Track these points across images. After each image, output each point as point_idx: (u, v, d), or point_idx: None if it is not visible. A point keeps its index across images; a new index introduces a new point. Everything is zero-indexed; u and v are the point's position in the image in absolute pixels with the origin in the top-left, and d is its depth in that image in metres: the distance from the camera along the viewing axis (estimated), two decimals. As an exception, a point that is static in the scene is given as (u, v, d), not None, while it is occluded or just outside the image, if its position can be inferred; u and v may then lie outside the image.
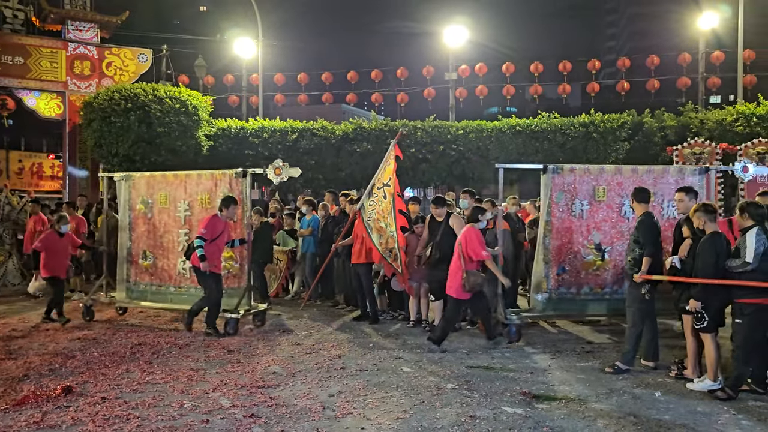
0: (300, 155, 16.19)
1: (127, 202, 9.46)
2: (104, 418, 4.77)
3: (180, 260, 8.91)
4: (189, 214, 8.99)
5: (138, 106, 14.67)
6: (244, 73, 23.08)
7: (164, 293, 9.08)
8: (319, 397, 5.41)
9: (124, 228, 9.48)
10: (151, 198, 9.25)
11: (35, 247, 9.04)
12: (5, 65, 16.43)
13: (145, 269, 9.24)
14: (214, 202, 8.73)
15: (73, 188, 17.24)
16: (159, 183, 9.25)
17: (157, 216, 9.22)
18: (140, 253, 9.28)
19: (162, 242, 9.13)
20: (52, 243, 8.86)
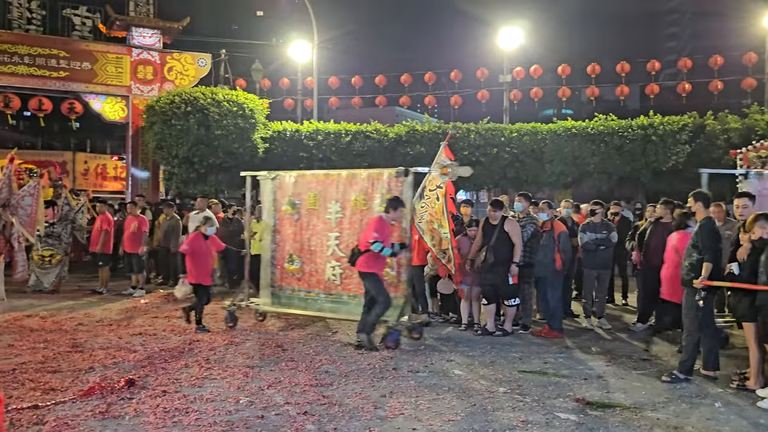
0: (353, 157, 16.34)
1: (272, 203, 9.00)
2: (165, 411, 4.93)
3: (329, 265, 8.40)
4: (341, 216, 8.38)
5: (197, 109, 15.11)
6: (299, 77, 23.47)
7: (313, 300, 8.54)
8: (371, 397, 5.46)
9: (268, 230, 9.06)
10: (298, 198, 8.74)
11: (182, 250, 8.48)
12: (74, 71, 17.19)
13: (291, 273, 8.78)
14: (370, 203, 8.13)
15: (135, 189, 17.88)
16: (308, 183, 8.72)
17: (305, 218, 8.68)
18: (286, 257, 8.81)
19: (310, 246, 8.60)
20: (197, 246, 8.35)
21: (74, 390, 5.43)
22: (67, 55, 17.16)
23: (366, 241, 7.30)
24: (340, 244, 8.31)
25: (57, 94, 17.62)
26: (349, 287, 8.25)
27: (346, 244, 8.20)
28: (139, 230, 11.40)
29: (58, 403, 5.04)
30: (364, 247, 7.31)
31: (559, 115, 27.41)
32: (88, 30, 17.82)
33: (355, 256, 7.42)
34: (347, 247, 8.02)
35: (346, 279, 8.30)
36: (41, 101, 17.67)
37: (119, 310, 9.68)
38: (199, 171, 15.46)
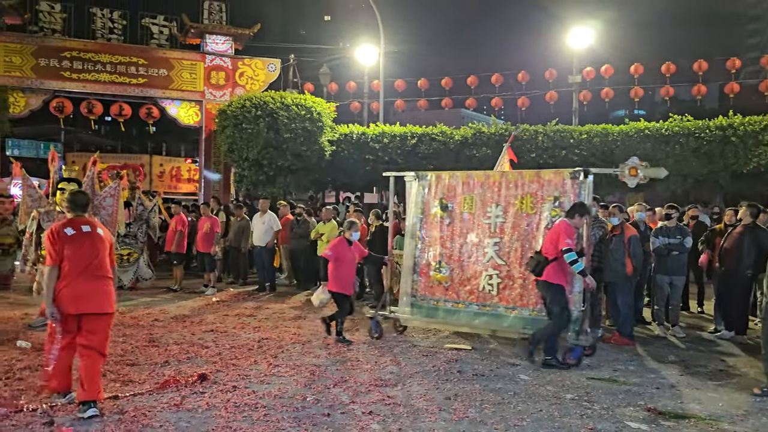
0: (419, 160, 16.36)
1: (419, 205, 8.33)
2: (235, 406, 5.09)
3: (485, 274, 7.70)
4: (502, 221, 7.69)
5: (267, 113, 15.48)
6: (365, 80, 23.70)
7: (463, 311, 7.80)
8: (436, 399, 5.47)
9: (412, 234, 8.34)
10: (451, 200, 8.08)
11: (325, 255, 7.91)
12: (152, 77, 17.94)
13: (437, 282, 8.04)
14: (538, 207, 7.48)
15: (207, 190, 18.47)
16: (464, 184, 8.04)
17: (458, 221, 8.01)
18: (432, 264, 8.10)
19: (462, 252, 7.91)
20: (342, 252, 7.81)
21: (151, 383, 5.67)
22: (145, 62, 17.94)
23: (556, 248, 6.65)
24: (500, 250, 7.65)
25: (136, 99, 18.43)
26: (509, 298, 7.53)
27: (506, 251, 7.61)
28: (212, 231, 11.79)
29: (136, 395, 5.28)
30: (552, 255, 6.68)
31: (631, 116, 26.64)
32: (165, 38, 18.56)
33: (541, 264, 6.69)
34: (508, 255, 7.58)
35: (504, 289, 7.56)
36: (121, 107, 18.51)
37: (192, 307, 10.03)
38: (268, 173, 15.83)
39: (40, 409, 4.83)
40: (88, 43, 17.52)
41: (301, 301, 10.93)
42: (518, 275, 7.49)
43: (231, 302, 10.60)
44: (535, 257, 6.85)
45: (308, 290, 12.03)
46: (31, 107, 17.10)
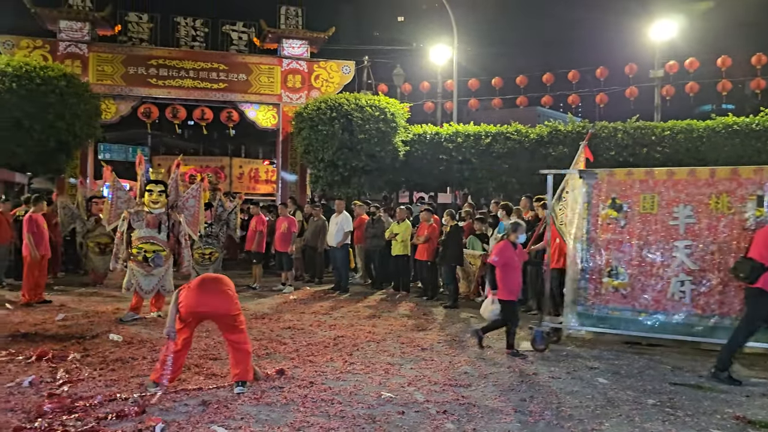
0: (493, 159, 16.20)
1: (586, 205, 7.72)
2: (312, 401, 5.21)
3: (675, 280, 7.16)
4: (692, 222, 7.14)
5: (342, 114, 15.72)
6: (439, 80, 23.67)
7: (645, 321, 7.30)
8: (511, 400, 5.41)
9: (578, 238, 7.74)
10: (626, 200, 7.50)
11: (492, 261, 7.32)
12: (231, 82, 18.57)
13: (613, 290, 7.47)
14: (737, 206, 6.94)
15: (284, 191, 18.94)
16: (641, 182, 7.48)
17: (635, 223, 7.42)
18: (605, 270, 7.51)
19: (644, 256, 7.33)
20: (509, 256, 7.26)
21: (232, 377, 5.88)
22: (225, 67, 18.59)
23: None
24: (693, 254, 7.08)
25: (217, 104, 19.12)
26: (705, 306, 7.01)
27: (701, 254, 7.07)
28: (289, 230, 12.09)
29: (218, 388, 5.50)
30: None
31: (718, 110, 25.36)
32: (244, 44, 19.15)
33: (757, 271, 6.08)
34: (702, 258, 7.06)
35: (698, 296, 7.06)
36: (203, 111, 19.26)
37: (270, 304, 10.31)
38: (342, 174, 16.07)
39: (131, 398, 5.10)
40: (173, 50, 18.32)
41: (375, 300, 11.04)
42: (717, 281, 6.97)
43: (308, 300, 10.84)
44: (746, 262, 6.21)
45: (383, 290, 12.15)
46: (121, 113, 18.05)
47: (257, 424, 4.63)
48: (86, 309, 9.39)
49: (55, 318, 8.56)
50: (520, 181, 16.15)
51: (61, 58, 17.17)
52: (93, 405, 4.89)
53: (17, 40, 17.15)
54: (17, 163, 14.21)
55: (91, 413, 4.73)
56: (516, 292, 7.36)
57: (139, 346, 7.07)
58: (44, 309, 9.29)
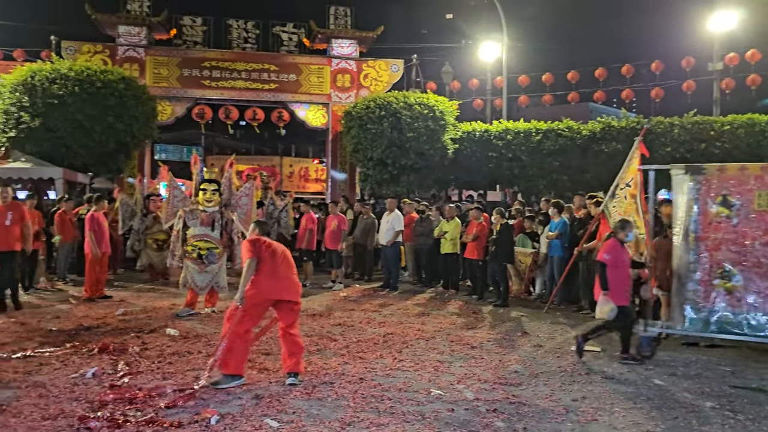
0: (543, 156, 16.00)
1: (692, 203, 7.26)
2: (362, 397, 5.27)
3: None
4: None
5: (390, 113, 15.78)
6: (488, 77, 23.46)
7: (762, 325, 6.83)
8: (562, 400, 5.34)
9: (684, 236, 7.27)
10: (739, 197, 7.05)
11: (602, 259, 6.87)
12: (282, 82, 18.88)
13: (725, 292, 7.00)
14: None
15: (334, 189, 19.13)
16: (756, 177, 7.00)
17: (750, 222, 6.96)
18: (716, 271, 7.06)
19: (759, 257, 6.89)
20: (619, 256, 6.90)
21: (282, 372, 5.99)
22: (276, 68, 18.90)
23: None
24: None
25: (268, 104, 19.47)
26: None
27: None
28: (339, 228, 12.21)
29: (271, 382, 5.61)
30: None
31: (782, 104, 24.31)
32: (294, 45, 19.44)
33: None
34: None
35: None
36: (255, 111, 19.63)
37: (321, 301, 10.44)
38: (391, 172, 16.14)
39: (188, 389, 5.25)
40: (226, 52, 18.74)
41: (424, 298, 11.05)
42: None
43: (357, 298, 10.92)
44: None
45: (432, 288, 12.14)
46: (176, 114, 18.59)
47: (308, 419, 4.71)
48: (144, 304, 9.71)
49: (116, 313, 8.89)
50: (571, 178, 15.90)
51: (119, 62, 17.79)
52: (152, 396, 5.07)
53: (79, 46, 17.86)
54: (79, 163, 14.79)
55: (150, 404, 4.90)
56: (628, 294, 6.97)
57: (195, 340, 7.27)
58: (105, 304, 9.65)
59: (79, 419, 4.48)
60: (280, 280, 5.74)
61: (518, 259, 11.01)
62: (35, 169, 13.39)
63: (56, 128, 14.30)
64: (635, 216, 8.09)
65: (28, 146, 14.20)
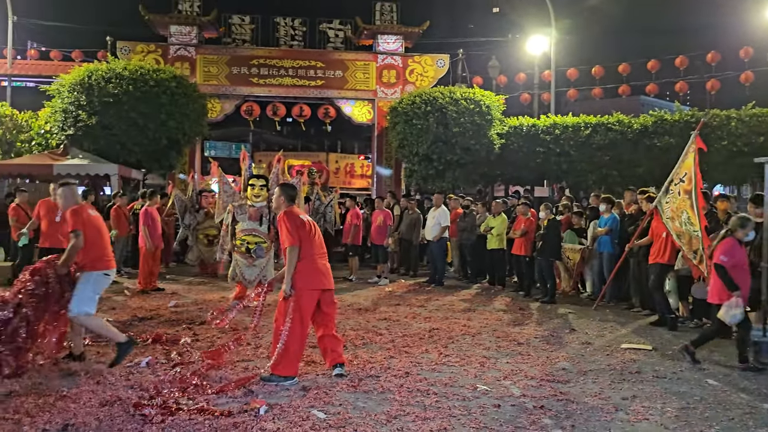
0: (593, 151, 15.71)
1: None
2: (408, 391, 5.28)
3: None
4: None
5: (436, 108, 15.74)
6: (536, 71, 23.14)
7: None
8: (612, 398, 5.25)
9: None
10: None
11: (719, 261, 6.37)
12: (328, 79, 19.03)
13: None
14: None
15: (379, 185, 19.20)
16: None
17: None
18: None
19: None
20: (739, 256, 6.46)
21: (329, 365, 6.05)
22: (322, 65, 19.06)
23: None
24: None
25: (314, 100, 19.65)
26: None
27: None
28: (385, 223, 12.26)
29: (318, 374, 5.68)
30: None
31: None
32: (341, 41, 19.56)
33: None
34: None
35: None
36: (302, 108, 19.85)
37: (366, 296, 10.50)
38: (437, 168, 16.09)
39: (246, 380, 5.36)
40: (273, 50, 18.99)
41: (470, 294, 11.00)
42: None
43: (403, 293, 10.95)
44: None
45: (477, 284, 12.07)
46: (225, 112, 18.95)
47: (354, 411, 4.75)
48: (195, 297, 9.96)
49: (168, 305, 9.14)
50: (621, 173, 15.57)
51: (171, 60, 18.24)
52: (203, 385, 5.20)
53: (133, 46, 18.38)
54: (133, 160, 15.25)
55: (202, 393, 5.02)
56: (747, 296, 6.46)
57: (244, 332, 7.41)
58: (158, 296, 9.94)
59: (134, 406, 4.63)
60: (324, 265, 5.73)
61: (566, 256, 10.84)
62: (92, 166, 13.86)
63: (111, 126, 14.77)
64: (689, 212, 7.89)
65: (86, 143, 14.71)
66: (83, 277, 5.76)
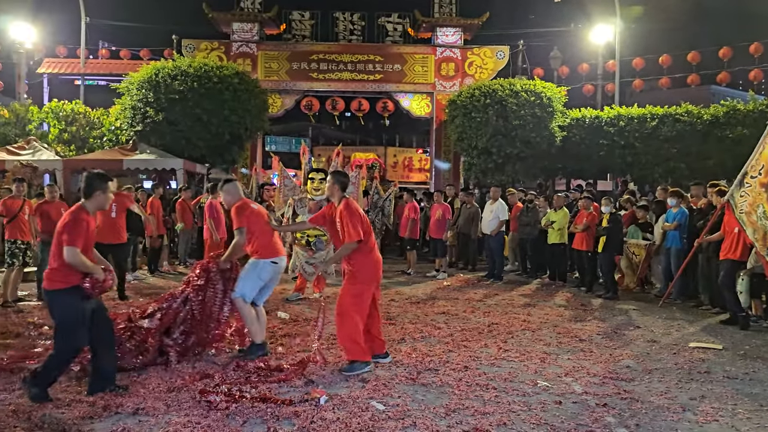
0: (659, 143, 15.21)
1: None
2: (467, 385, 5.26)
3: None
4: None
5: (496, 101, 15.54)
6: (599, 61, 22.54)
7: None
8: (679, 398, 5.08)
9: None
10: None
11: None
12: (387, 73, 19.06)
13: None
14: None
15: (437, 179, 19.13)
16: None
17: None
18: None
19: None
20: None
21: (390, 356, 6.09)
22: (381, 59, 19.11)
23: None
24: None
25: (373, 94, 19.75)
26: None
27: None
28: (443, 218, 12.21)
29: (377, 366, 5.72)
30: None
31: None
32: (399, 35, 19.56)
33: None
34: None
35: None
36: (360, 102, 20.00)
37: (424, 290, 10.49)
38: (496, 161, 15.90)
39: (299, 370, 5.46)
40: (332, 45, 19.17)
41: (530, 289, 10.84)
42: None
43: (461, 287, 10.89)
44: None
45: (537, 279, 11.89)
46: (285, 107, 19.26)
47: (413, 403, 4.77)
48: (257, 288, 10.16)
49: (231, 296, 9.36)
50: (690, 166, 15.02)
51: (234, 57, 18.65)
52: (265, 374, 5.32)
53: (198, 44, 18.89)
54: (198, 154, 15.69)
55: (264, 381, 5.14)
56: None
57: (304, 324, 7.55)
58: (221, 287, 10.18)
59: (200, 392, 4.78)
60: (379, 257, 5.88)
61: (631, 251, 10.54)
62: (159, 161, 14.34)
63: (177, 122, 15.23)
64: (765, 206, 7.54)
65: (153, 139, 15.22)
66: (251, 264, 5.99)
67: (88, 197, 4.77)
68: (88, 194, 4.77)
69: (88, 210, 4.73)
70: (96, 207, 4.83)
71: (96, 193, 4.78)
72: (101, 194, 4.81)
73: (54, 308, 4.67)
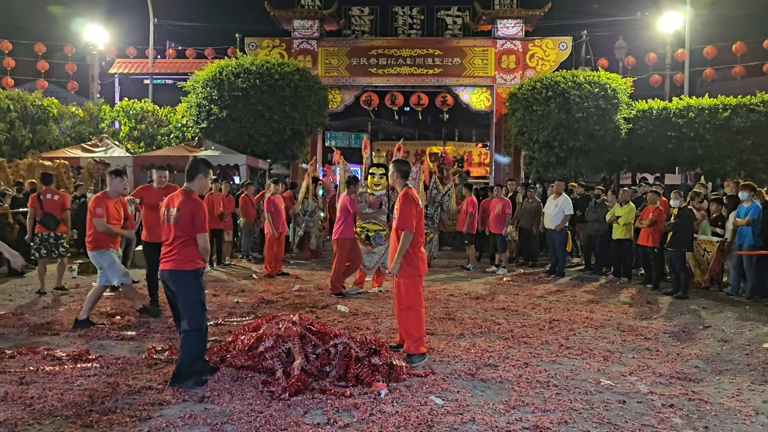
0: (732, 135, 14.58)
1: None
2: (527, 381, 5.19)
3: None
4: None
5: (558, 93, 15.22)
6: (668, 50, 21.74)
7: None
8: (751, 401, 4.87)
9: None
10: None
11: None
12: (446, 66, 18.95)
13: None
14: None
15: (498, 174, 18.89)
16: None
17: None
18: None
19: None
20: None
21: (449, 351, 6.08)
22: (440, 53, 19.00)
23: None
24: None
25: (432, 89, 19.65)
26: None
27: None
28: (503, 212, 12.05)
29: (435, 361, 5.72)
30: None
31: None
32: (458, 28, 19.39)
33: None
34: None
35: None
36: (419, 96, 19.93)
37: (484, 285, 10.41)
38: (558, 155, 15.58)
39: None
40: (392, 40, 19.18)
41: (593, 286, 10.59)
42: None
43: (522, 283, 10.74)
44: None
45: (602, 275, 11.60)
46: (345, 102, 19.41)
47: (472, 399, 4.74)
48: (317, 282, 10.34)
49: (292, 289, 9.55)
50: (765, 158, 14.32)
51: (294, 54, 18.93)
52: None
53: (260, 41, 19.26)
54: (260, 150, 16.03)
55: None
56: None
57: (363, 317, 7.61)
58: (283, 281, 10.41)
59: (262, 383, 4.90)
60: (423, 254, 5.91)
61: (702, 248, 10.14)
62: (223, 156, 14.71)
63: (240, 118, 15.59)
64: None
65: (217, 135, 15.64)
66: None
67: (191, 180, 5.06)
68: (191, 177, 5.06)
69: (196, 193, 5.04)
70: (198, 189, 5.10)
71: (199, 176, 5.06)
72: (203, 178, 5.09)
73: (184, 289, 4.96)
